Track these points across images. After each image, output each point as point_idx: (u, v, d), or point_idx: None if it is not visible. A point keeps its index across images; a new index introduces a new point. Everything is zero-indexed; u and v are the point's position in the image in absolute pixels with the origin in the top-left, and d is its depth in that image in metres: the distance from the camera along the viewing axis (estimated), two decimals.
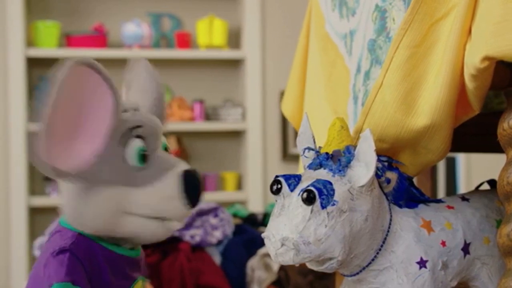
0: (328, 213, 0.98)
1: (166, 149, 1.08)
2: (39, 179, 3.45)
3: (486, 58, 0.91)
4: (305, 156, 1.08)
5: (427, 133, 1.05)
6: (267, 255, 2.47)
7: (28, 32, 3.49)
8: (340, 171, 1.02)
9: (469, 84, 0.97)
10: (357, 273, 1.06)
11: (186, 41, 3.62)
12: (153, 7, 3.68)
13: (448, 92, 1.00)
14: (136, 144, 1.03)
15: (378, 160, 1.04)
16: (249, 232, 2.70)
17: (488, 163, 2.93)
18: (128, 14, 3.61)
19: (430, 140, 1.06)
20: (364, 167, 1.00)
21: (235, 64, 3.79)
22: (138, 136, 1.04)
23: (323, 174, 1.02)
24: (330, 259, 1.00)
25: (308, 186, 0.98)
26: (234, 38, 3.77)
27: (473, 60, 0.94)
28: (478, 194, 1.18)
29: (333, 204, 0.98)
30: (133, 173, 1.03)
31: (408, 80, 1.04)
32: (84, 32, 3.53)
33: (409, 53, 1.04)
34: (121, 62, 1.23)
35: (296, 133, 1.46)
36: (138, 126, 1.04)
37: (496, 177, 1.08)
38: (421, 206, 1.11)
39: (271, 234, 0.99)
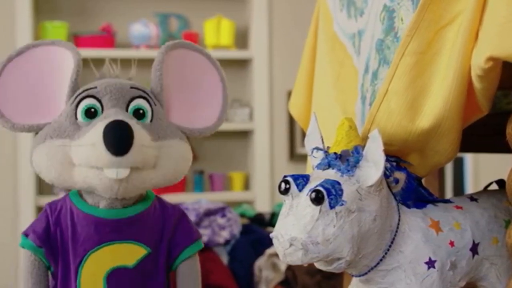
0: (336, 213, 0.98)
1: (140, 109, 1.11)
2: None
3: (491, 59, 0.91)
4: (313, 156, 1.08)
5: (435, 136, 1.05)
6: (274, 255, 2.47)
7: (36, 32, 3.50)
8: (348, 171, 1.02)
9: (477, 85, 0.97)
10: (366, 273, 1.07)
11: (193, 41, 3.59)
12: (160, 7, 3.69)
13: (456, 95, 1.00)
14: (85, 102, 1.10)
15: (387, 160, 1.04)
16: (256, 232, 2.70)
17: (496, 163, 2.92)
18: (136, 14, 3.62)
19: (438, 143, 1.06)
20: (372, 167, 1.01)
21: (243, 64, 3.79)
22: (90, 96, 1.10)
23: (331, 174, 1.02)
24: (339, 259, 1.01)
25: (316, 186, 0.99)
26: (241, 38, 3.77)
27: (478, 61, 0.94)
28: (486, 194, 1.18)
29: (342, 204, 0.98)
30: (80, 128, 1.09)
31: (414, 87, 1.04)
32: (92, 32, 3.54)
33: (415, 60, 1.04)
34: (128, 62, 1.24)
35: (303, 133, 1.46)
36: (92, 88, 1.11)
37: (504, 177, 1.08)
38: (429, 206, 1.11)
39: (280, 234, 0.99)
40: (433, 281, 1.04)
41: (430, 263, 1.05)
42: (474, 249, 1.09)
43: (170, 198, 3.47)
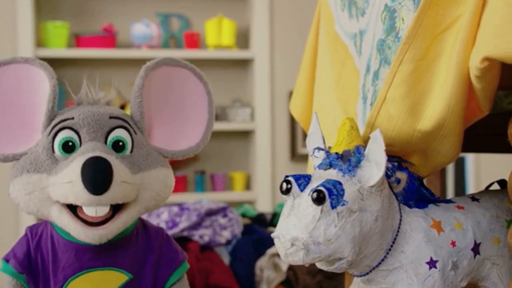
0: (338, 213, 0.98)
1: (119, 141, 1.09)
2: None
3: (486, 59, 0.92)
4: (315, 156, 1.08)
5: (437, 138, 1.05)
6: (275, 255, 2.47)
7: (37, 32, 3.50)
8: (350, 171, 1.02)
9: (476, 85, 0.98)
10: (367, 273, 1.07)
11: (194, 41, 3.62)
12: (162, 8, 3.69)
13: (457, 96, 1.00)
14: (62, 135, 1.07)
15: (388, 160, 1.04)
16: (257, 232, 2.70)
17: (498, 163, 2.92)
18: (137, 15, 3.62)
19: (440, 144, 1.06)
20: (374, 167, 1.01)
21: (244, 64, 3.79)
22: (67, 128, 1.07)
23: (333, 174, 1.02)
24: (340, 259, 1.01)
25: (318, 186, 0.99)
26: (242, 38, 3.77)
27: (475, 62, 0.94)
28: (488, 194, 1.18)
29: (343, 204, 0.98)
30: (58, 162, 1.06)
31: (414, 94, 1.04)
32: (93, 32, 3.54)
33: (413, 67, 1.04)
34: (130, 62, 1.24)
35: (304, 133, 1.46)
36: (68, 119, 1.07)
37: (505, 177, 1.08)
38: (431, 206, 1.11)
39: (281, 234, 0.99)
40: (435, 281, 1.04)
41: (432, 263, 1.05)
42: (476, 249, 1.09)
43: (172, 198, 3.47)
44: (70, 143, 1.07)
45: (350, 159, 1.03)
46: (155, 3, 3.70)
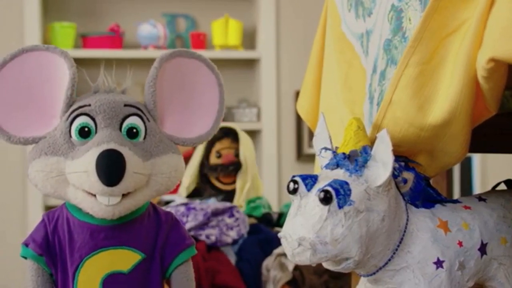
0: (345, 213, 0.98)
1: (133, 128, 1.13)
2: None
3: (492, 60, 0.92)
4: (321, 156, 1.09)
5: (444, 138, 1.05)
6: (282, 254, 2.47)
7: (44, 33, 3.51)
8: (357, 171, 1.02)
9: (483, 85, 0.98)
10: (374, 273, 1.07)
11: (201, 41, 3.63)
12: (168, 8, 3.69)
13: (465, 97, 1.00)
14: (79, 121, 1.11)
15: (395, 160, 1.04)
16: (264, 232, 2.70)
17: (504, 163, 2.92)
18: (144, 15, 3.63)
19: (448, 145, 1.06)
20: (381, 167, 1.01)
21: (250, 64, 3.79)
22: (83, 114, 1.11)
23: (340, 174, 1.03)
24: (347, 259, 1.01)
25: (325, 186, 0.99)
26: (249, 39, 3.77)
27: (482, 62, 0.94)
28: (495, 194, 1.18)
29: (350, 204, 0.99)
30: (74, 147, 1.11)
31: (419, 96, 1.05)
32: (100, 33, 3.55)
33: (419, 70, 1.04)
34: (136, 63, 1.25)
35: (311, 133, 1.46)
36: (86, 105, 1.12)
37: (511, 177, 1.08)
38: (437, 206, 1.11)
39: (288, 234, 1.00)
40: (441, 281, 1.04)
41: (439, 263, 1.05)
42: (483, 249, 1.09)
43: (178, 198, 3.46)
44: (86, 129, 1.11)
45: (357, 159, 1.03)
46: (162, 4, 3.70)
